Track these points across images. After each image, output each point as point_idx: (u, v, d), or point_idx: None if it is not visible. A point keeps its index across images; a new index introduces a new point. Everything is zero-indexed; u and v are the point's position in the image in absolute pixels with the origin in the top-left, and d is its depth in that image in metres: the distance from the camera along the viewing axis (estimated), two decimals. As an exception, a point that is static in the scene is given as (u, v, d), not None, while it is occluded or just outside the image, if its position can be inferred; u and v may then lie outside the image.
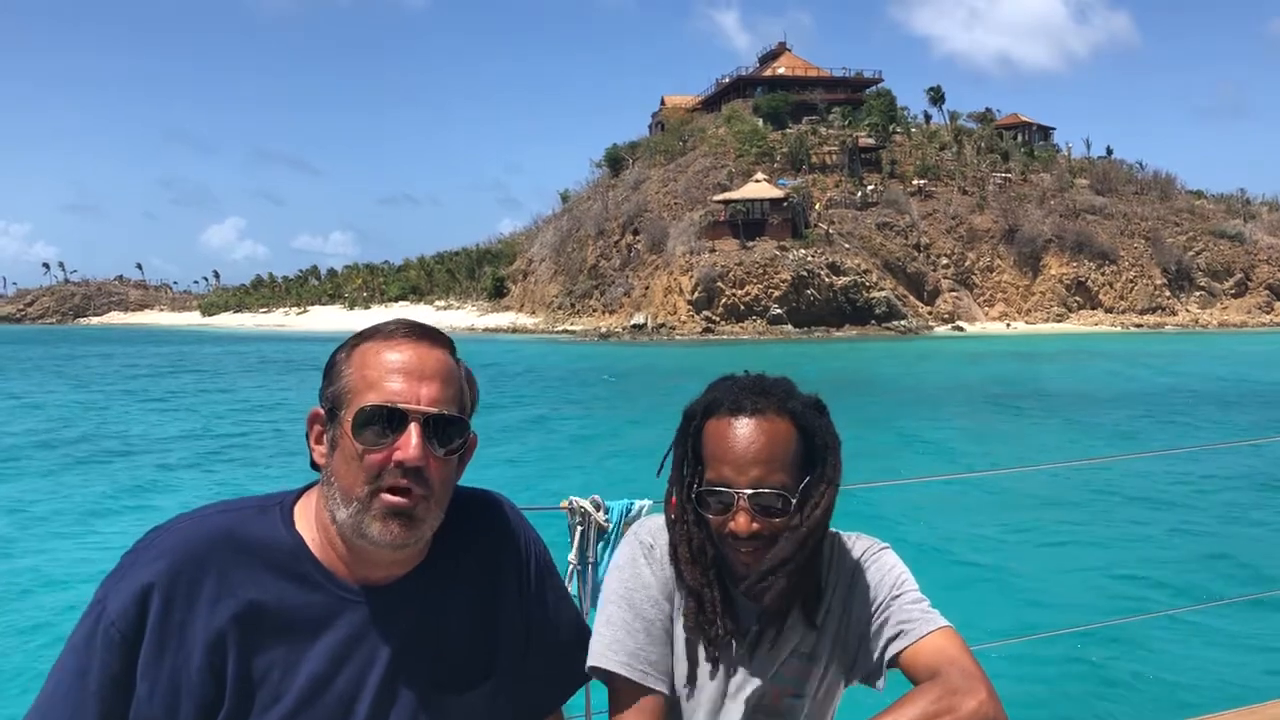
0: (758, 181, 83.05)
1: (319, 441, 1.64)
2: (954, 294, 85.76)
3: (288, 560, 1.61)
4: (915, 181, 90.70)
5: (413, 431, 1.55)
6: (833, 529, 1.98)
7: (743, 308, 76.76)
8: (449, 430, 1.60)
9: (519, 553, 1.82)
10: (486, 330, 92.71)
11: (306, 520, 1.65)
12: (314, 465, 1.67)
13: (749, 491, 1.83)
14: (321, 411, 1.63)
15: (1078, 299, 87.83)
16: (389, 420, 1.55)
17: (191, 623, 1.55)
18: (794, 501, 1.85)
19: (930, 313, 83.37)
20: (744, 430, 1.86)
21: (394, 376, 1.57)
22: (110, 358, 64.70)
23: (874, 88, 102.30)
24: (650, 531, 2.02)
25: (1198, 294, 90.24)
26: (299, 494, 1.70)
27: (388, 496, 1.55)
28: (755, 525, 1.83)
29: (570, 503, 2.23)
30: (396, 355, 1.59)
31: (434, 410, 1.57)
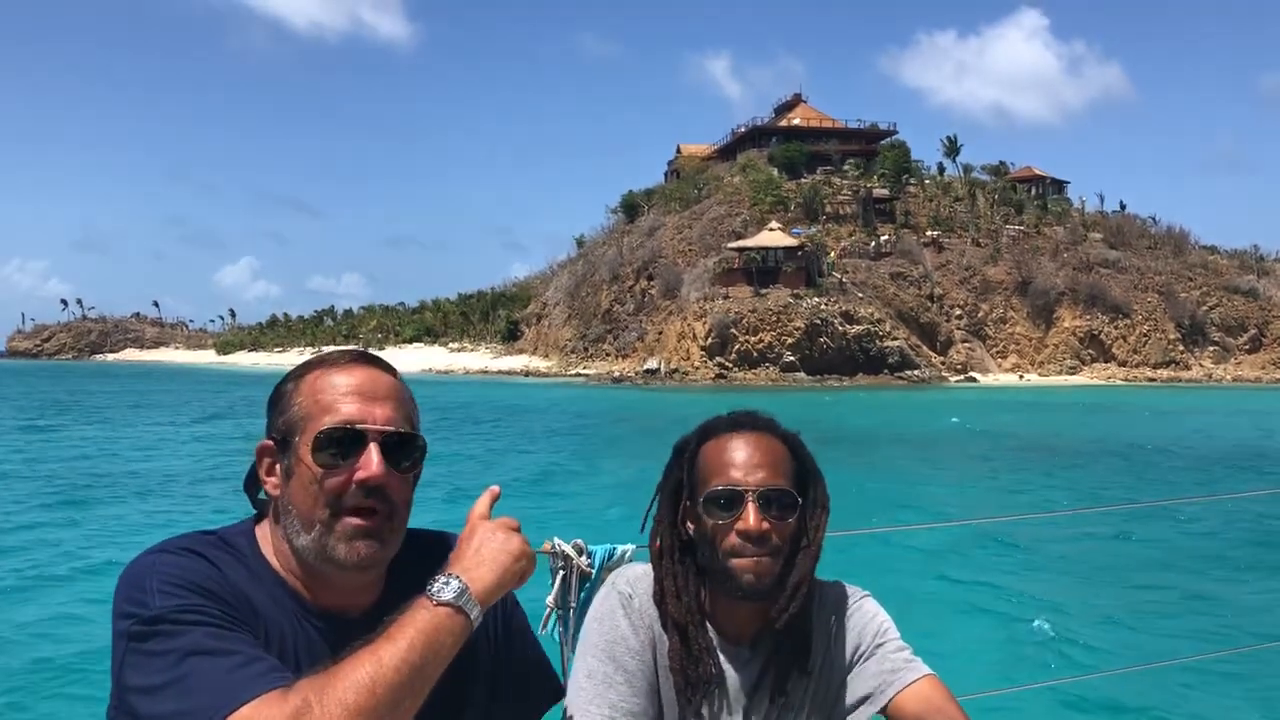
0: (772, 230, 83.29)
1: (270, 473, 1.63)
2: (967, 345, 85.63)
3: (264, 591, 1.59)
4: (929, 232, 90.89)
5: (373, 450, 1.56)
6: None
7: (756, 354, 76.72)
8: (405, 448, 1.61)
9: None
10: (500, 372, 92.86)
11: (269, 551, 1.65)
12: (254, 503, 1.70)
13: (759, 489, 1.86)
14: (271, 443, 1.63)
15: (1091, 352, 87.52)
16: (348, 441, 1.56)
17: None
18: (800, 501, 1.90)
19: (943, 363, 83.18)
20: (748, 441, 1.92)
21: (348, 399, 1.58)
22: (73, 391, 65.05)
23: (888, 139, 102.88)
24: (629, 580, 2.01)
25: (1211, 349, 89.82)
26: (252, 526, 1.69)
27: (351, 519, 1.55)
28: (765, 524, 1.85)
29: (553, 545, 2.28)
30: (347, 379, 1.61)
31: (391, 429, 1.59)
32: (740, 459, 1.90)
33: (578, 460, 26.92)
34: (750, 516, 1.85)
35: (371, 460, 1.55)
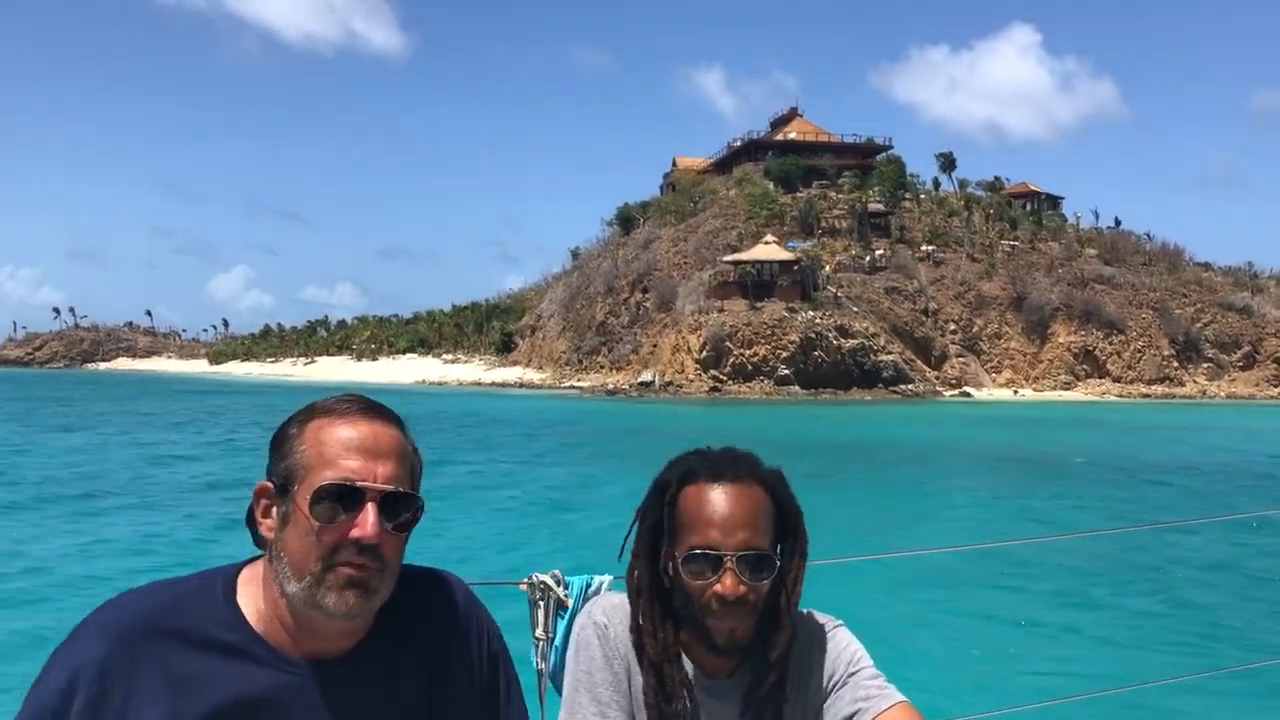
0: (767, 243, 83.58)
1: (266, 515, 1.62)
2: (961, 360, 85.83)
3: (228, 637, 1.59)
4: (924, 247, 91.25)
5: (370, 510, 1.56)
6: None
7: (750, 368, 76.87)
8: (402, 506, 1.61)
9: (470, 635, 1.78)
10: (494, 384, 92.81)
11: (251, 594, 1.63)
12: (256, 541, 1.67)
13: (738, 553, 1.82)
14: (271, 486, 1.62)
15: (1085, 367, 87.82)
16: (346, 498, 1.56)
17: (130, 705, 1.52)
18: (779, 564, 1.87)
19: (938, 378, 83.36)
20: (727, 495, 1.87)
21: (351, 454, 1.57)
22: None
23: (884, 154, 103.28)
24: (604, 611, 2.00)
25: (1205, 365, 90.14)
26: (242, 566, 1.68)
27: (344, 569, 1.55)
28: (742, 588, 1.82)
29: (531, 579, 2.20)
30: (352, 432, 1.59)
31: (391, 488, 1.58)
32: (720, 516, 1.86)
33: (534, 475, 26.67)
34: (728, 581, 1.83)
35: (368, 520, 1.55)
